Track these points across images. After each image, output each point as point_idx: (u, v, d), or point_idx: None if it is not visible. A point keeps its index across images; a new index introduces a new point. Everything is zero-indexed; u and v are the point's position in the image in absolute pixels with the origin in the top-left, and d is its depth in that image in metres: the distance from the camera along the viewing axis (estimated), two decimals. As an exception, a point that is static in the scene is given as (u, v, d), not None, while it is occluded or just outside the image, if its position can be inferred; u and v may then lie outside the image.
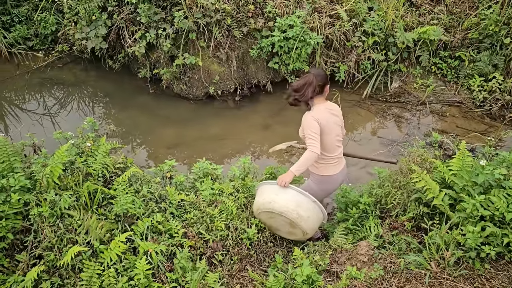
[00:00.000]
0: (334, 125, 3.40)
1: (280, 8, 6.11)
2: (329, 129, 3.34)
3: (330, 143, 3.38)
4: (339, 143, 3.48)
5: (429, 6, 6.89)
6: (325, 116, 3.33)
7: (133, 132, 5.91)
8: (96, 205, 3.18)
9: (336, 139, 3.43)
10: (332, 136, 3.38)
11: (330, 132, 3.36)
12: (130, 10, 6.09)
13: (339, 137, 3.47)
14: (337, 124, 3.45)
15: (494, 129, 5.87)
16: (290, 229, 3.30)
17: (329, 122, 3.34)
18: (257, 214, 3.38)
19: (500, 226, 3.02)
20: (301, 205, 3.18)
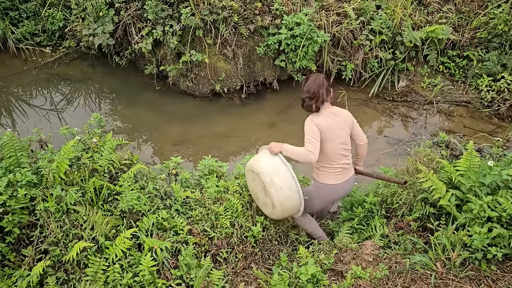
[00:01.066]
0: (339, 132, 3.17)
1: (287, 6, 6.09)
2: (333, 136, 3.13)
3: (332, 151, 3.15)
4: (345, 152, 3.21)
5: (437, 4, 6.84)
6: (328, 121, 3.12)
7: (139, 129, 5.93)
8: (101, 201, 3.18)
9: (341, 147, 3.18)
10: (335, 143, 3.14)
11: (334, 139, 3.13)
12: (137, 7, 6.10)
13: (344, 145, 3.20)
14: (344, 130, 3.20)
15: (502, 129, 5.82)
16: (264, 197, 3.21)
17: (333, 129, 3.13)
18: (245, 172, 3.37)
19: (507, 228, 3.00)
20: (278, 174, 3.11)
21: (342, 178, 3.28)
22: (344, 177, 3.28)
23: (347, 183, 3.33)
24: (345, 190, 3.37)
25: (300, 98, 3.27)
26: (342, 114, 3.27)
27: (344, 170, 3.27)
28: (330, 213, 4.20)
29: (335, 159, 3.19)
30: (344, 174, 3.29)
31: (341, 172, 3.25)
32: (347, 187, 3.36)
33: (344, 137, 3.21)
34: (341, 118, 3.23)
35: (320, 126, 3.08)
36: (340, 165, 3.22)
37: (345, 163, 3.25)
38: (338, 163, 3.21)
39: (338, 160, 3.20)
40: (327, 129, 3.10)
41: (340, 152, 3.19)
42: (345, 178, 3.29)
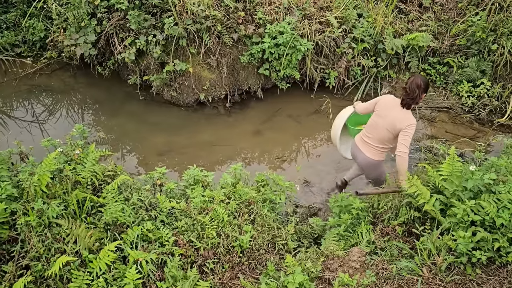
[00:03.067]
0: (382, 117, 3.86)
1: (270, 15, 6.13)
2: (378, 113, 3.91)
3: (370, 124, 4.01)
4: (369, 134, 4.01)
5: (417, 13, 6.97)
6: (385, 110, 3.87)
7: (123, 139, 5.87)
8: (85, 214, 3.13)
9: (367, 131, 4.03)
10: (374, 118, 3.96)
11: (380, 121, 3.87)
12: (120, 17, 6.06)
13: (371, 134, 3.98)
14: (386, 126, 3.83)
15: (483, 134, 5.93)
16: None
17: (387, 116, 3.80)
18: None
19: (491, 231, 3.04)
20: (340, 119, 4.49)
21: (357, 144, 4.16)
22: (359, 145, 4.13)
23: (356, 151, 4.17)
24: (355, 155, 4.21)
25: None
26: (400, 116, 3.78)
27: (363, 142, 4.09)
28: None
29: (367, 130, 4.04)
30: (360, 144, 4.12)
31: (361, 142, 4.12)
32: (357, 154, 4.16)
33: (381, 127, 3.86)
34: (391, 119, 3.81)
35: (378, 103, 3.93)
36: (363, 136, 4.09)
37: (366, 139, 4.06)
38: (365, 135, 4.06)
39: (365, 133, 4.07)
40: (379, 111, 3.90)
41: (367, 133, 4.06)
42: (359, 147, 4.13)
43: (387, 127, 3.81)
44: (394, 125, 3.75)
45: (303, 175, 5.17)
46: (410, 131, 3.68)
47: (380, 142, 3.95)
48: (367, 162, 4.07)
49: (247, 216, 3.55)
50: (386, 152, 4.03)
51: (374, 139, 3.97)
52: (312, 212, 4.50)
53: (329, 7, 6.55)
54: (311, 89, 6.60)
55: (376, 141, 3.97)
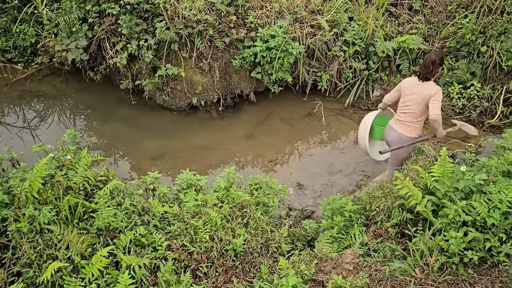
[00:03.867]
0: (410, 95, 4.30)
1: (261, 19, 6.15)
2: (405, 93, 4.35)
3: (402, 105, 4.40)
4: (403, 114, 4.40)
5: (407, 16, 7.03)
6: (411, 87, 4.32)
7: (115, 144, 5.84)
8: (77, 219, 3.11)
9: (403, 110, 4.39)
10: (403, 98, 4.36)
11: (411, 98, 4.28)
12: (111, 22, 6.06)
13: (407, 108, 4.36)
14: (417, 101, 4.24)
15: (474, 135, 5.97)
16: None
17: (415, 92, 4.25)
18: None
19: (482, 231, 3.07)
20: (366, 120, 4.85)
21: (393, 125, 4.50)
22: (394, 125, 4.48)
23: (390, 132, 4.51)
24: (388, 134, 4.57)
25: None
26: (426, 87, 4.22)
27: (397, 121, 4.46)
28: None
29: (399, 112, 4.46)
30: (396, 123, 4.48)
31: (394, 123, 4.50)
32: (391, 133, 4.51)
33: (411, 101, 4.30)
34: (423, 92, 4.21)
35: (402, 86, 4.41)
36: (398, 117, 4.45)
37: (400, 116, 4.43)
38: (399, 116, 4.44)
39: (399, 114, 4.46)
40: (406, 91, 4.35)
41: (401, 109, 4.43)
42: (394, 126, 4.48)
43: (418, 101, 4.25)
44: (424, 97, 4.19)
45: (296, 178, 5.18)
46: (438, 96, 4.13)
47: (414, 118, 4.34)
48: (401, 139, 4.42)
49: (240, 220, 3.55)
50: (418, 128, 4.41)
51: (408, 116, 4.37)
52: (305, 214, 4.50)
53: (320, 11, 6.59)
54: (304, 92, 6.62)
55: (410, 117, 4.36)
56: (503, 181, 3.30)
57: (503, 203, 3.07)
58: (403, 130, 4.41)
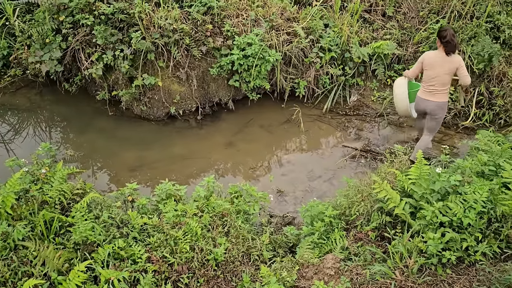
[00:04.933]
0: (438, 68, 4.91)
1: (238, 27, 6.18)
2: (432, 67, 4.94)
3: (429, 77, 5.01)
4: (431, 85, 5.01)
5: (381, 22, 7.17)
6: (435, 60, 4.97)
7: (93, 156, 5.75)
8: (53, 234, 3.04)
9: (432, 81, 5.00)
10: (431, 72, 4.97)
11: (439, 70, 4.91)
12: (86, 32, 5.98)
13: (433, 83, 5.00)
14: (445, 72, 4.91)
15: (449, 137, 6.12)
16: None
17: (443, 66, 4.89)
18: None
19: (459, 231, 3.12)
20: (399, 91, 5.53)
21: (427, 97, 5.09)
22: (429, 96, 5.07)
23: (427, 103, 5.10)
24: (423, 107, 5.17)
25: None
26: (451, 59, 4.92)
27: (430, 92, 5.06)
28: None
29: (426, 84, 5.06)
30: (430, 94, 5.07)
31: (425, 95, 5.12)
32: (424, 105, 5.14)
33: (442, 75, 4.95)
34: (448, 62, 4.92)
35: (425, 61, 5.05)
36: (426, 90, 5.08)
37: (432, 87, 5.02)
38: (428, 87, 5.05)
39: (426, 86, 5.07)
40: (430, 62, 4.98)
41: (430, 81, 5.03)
42: (429, 97, 5.07)
43: (446, 72, 4.91)
44: (451, 68, 4.89)
45: (277, 185, 5.19)
46: (463, 64, 4.92)
47: (443, 86, 4.99)
48: (437, 105, 5.06)
49: (221, 229, 3.53)
50: (448, 92, 5.11)
51: (437, 85, 4.99)
52: (286, 221, 4.50)
53: (295, 18, 6.66)
54: (282, 99, 6.66)
55: (440, 86, 4.98)
56: (477, 182, 3.37)
57: (478, 203, 3.14)
58: (438, 98, 5.04)
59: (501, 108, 6.28)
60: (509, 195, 3.25)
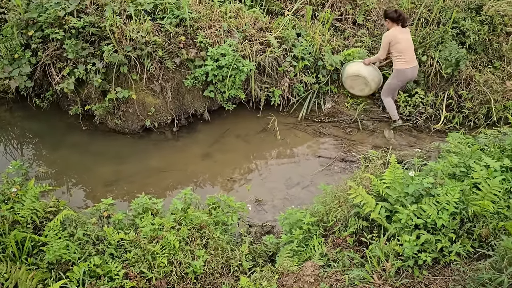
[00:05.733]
0: (405, 40, 6.02)
1: (211, 38, 6.20)
2: (400, 41, 5.96)
3: (406, 48, 6.03)
4: (410, 54, 6.10)
5: (352, 30, 7.31)
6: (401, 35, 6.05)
7: (67, 172, 5.64)
8: (25, 255, 2.96)
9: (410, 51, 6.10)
10: (401, 45, 5.98)
11: (409, 42, 6.09)
12: (56, 47, 5.89)
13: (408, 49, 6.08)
14: (409, 40, 6.13)
15: (422, 140, 6.25)
16: (362, 86, 6.54)
17: (401, 38, 5.97)
18: (346, 77, 6.55)
19: (433, 233, 3.19)
20: (373, 74, 6.44)
21: (415, 64, 6.13)
22: (412, 63, 6.10)
23: (416, 68, 6.16)
24: (413, 72, 6.16)
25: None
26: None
27: (413, 61, 6.13)
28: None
29: (407, 54, 6.05)
30: (415, 63, 6.14)
31: (414, 62, 6.14)
32: (415, 70, 6.19)
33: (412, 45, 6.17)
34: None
35: (393, 39, 6.01)
36: (410, 59, 6.09)
37: (413, 57, 6.15)
38: (409, 56, 6.08)
39: (409, 56, 6.08)
40: (401, 38, 6.01)
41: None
42: (413, 64, 6.10)
43: (410, 40, 6.13)
44: (410, 36, 6.16)
45: (255, 194, 5.19)
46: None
47: (413, 51, 6.15)
48: (417, 67, 6.26)
49: (199, 241, 3.51)
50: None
51: (411, 53, 6.09)
52: (265, 230, 4.50)
53: (268, 28, 6.73)
54: (257, 108, 6.69)
55: (412, 53, 6.12)
56: (449, 183, 3.46)
57: (450, 204, 3.22)
58: (416, 61, 6.19)
59: (470, 111, 6.47)
60: (479, 195, 3.35)
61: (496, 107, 6.40)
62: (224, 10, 6.61)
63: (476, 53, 6.90)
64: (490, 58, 6.94)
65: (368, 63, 6.43)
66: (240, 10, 6.74)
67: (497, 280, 2.66)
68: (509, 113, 6.30)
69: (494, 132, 4.58)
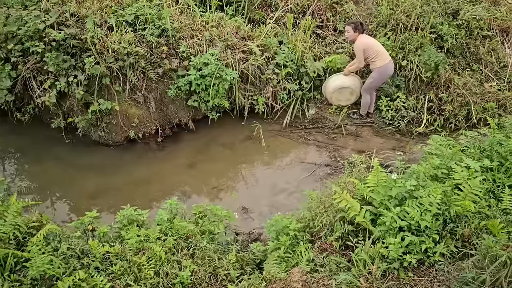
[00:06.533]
0: (374, 43, 6.33)
1: (193, 48, 6.22)
2: (372, 45, 6.26)
3: (381, 51, 6.31)
4: (382, 51, 6.33)
5: (333, 36, 7.40)
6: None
7: (51, 187, 5.57)
8: (8, 272, 2.91)
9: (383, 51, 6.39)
10: (374, 49, 6.25)
11: (376, 46, 6.31)
12: (37, 60, 5.84)
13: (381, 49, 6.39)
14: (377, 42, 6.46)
15: (405, 143, 6.34)
16: (348, 96, 6.68)
17: (372, 42, 6.30)
18: (332, 93, 6.64)
19: (417, 234, 3.23)
20: (356, 82, 6.60)
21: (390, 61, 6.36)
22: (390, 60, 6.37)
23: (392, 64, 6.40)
24: (393, 67, 6.40)
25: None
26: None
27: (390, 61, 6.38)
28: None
29: (384, 55, 6.33)
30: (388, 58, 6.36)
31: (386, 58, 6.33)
32: (393, 65, 6.42)
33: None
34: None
35: (366, 47, 6.23)
36: (386, 59, 6.32)
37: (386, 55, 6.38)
38: (386, 56, 6.34)
39: (385, 55, 6.34)
40: (372, 43, 6.32)
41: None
42: (390, 59, 6.37)
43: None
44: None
45: (241, 202, 5.20)
46: None
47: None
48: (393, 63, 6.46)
49: (186, 251, 3.50)
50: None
51: (384, 49, 6.38)
52: (252, 238, 4.50)
53: (250, 37, 6.78)
54: (242, 116, 6.71)
55: (384, 49, 6.42)
56: (431, 185, 3.51)
57: (433, 205, 3.26)
58: (390, 58, 6.39)
59: (451, 113, 6.59)
60: (461, 196, 3.41)
61: (476, 108, 6.53)
62: (206, 20, 6.65)
63: (455, 57, 7.04)
64: (468, 61, 7.09)
65: (348, 73, 6.56)
66: (222, 19, 6.78)
67: (480, 279, 2.71)
68: (488, 115, 6.44)
69: (474, 134, 4.67)
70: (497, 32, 7.31)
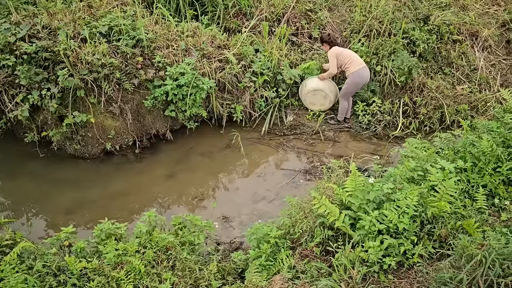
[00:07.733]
0: (348, 52, 6.58)
1: (169, 58, 6.19)
2: (345, 54, 6.48)
3: (355, 59, 6.48)
4: (357, 58, 6.51)
5: (308, 43, 7.48)
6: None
7: (25, 202, 5.43)
8: (-20, 293, 2.81)
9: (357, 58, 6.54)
10: (347, 56, 6.45)
11: (350, 54, 6.53)
12: (8, 73, 5.70)
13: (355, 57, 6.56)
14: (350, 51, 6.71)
15: (382, 147, 6.44)
16: (322, 101, 6.74)
17: (345, 52, 6.53)
18: (306, 94, 6.74)
19: (396, 237, 3.27)
20: (331, 87, 6.72)
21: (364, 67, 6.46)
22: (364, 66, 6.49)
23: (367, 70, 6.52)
24: (368, 73, 6.51)
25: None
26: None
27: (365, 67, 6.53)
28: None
29: (358, 61, 6.48)
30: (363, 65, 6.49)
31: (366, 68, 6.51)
32: (368, 72, 6.54)
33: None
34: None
35: (339, 55, 6.47)
36: (361, 65, 6.45)
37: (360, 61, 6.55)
38: (360, 62, 6.48)
39: (359, 62, 6.49)
40: (344, 51, 6.53)
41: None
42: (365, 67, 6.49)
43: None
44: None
45: (222, 211, 5.17)
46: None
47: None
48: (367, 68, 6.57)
49: (166, 263, 3.45)
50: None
51: (358, 56, 6.57)
52: (234, 247, 4.48)
53: (226, 45, 6.79)
54: (220, 125, 6.70)
55: (358, 56, 6.60)
56: (408, 187, 3.56)
57: (410, 207, 3.31)
58: (364, 64, 6.51)
59: (425, 116, 6.73)
60: (437, 197, 3.47)
61: (449, 111, 6.69)
62: (181, 30, 6.64)
63: (427, 61, 7.21)
64: (440, 65, 7.28)
65: (322, 79, 6.67)
66: (197, 29, 6.78)
67: (457, 278, 2.75)
68: (461, 116, 6.59)
69: (448, 136, 4.78)
70: (467, 36, 7.52)
